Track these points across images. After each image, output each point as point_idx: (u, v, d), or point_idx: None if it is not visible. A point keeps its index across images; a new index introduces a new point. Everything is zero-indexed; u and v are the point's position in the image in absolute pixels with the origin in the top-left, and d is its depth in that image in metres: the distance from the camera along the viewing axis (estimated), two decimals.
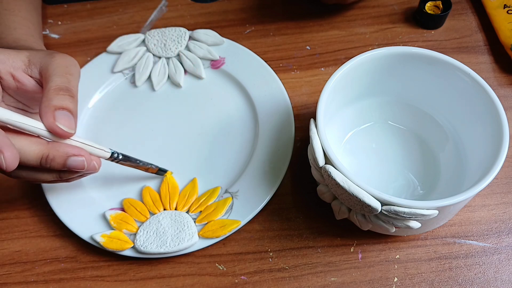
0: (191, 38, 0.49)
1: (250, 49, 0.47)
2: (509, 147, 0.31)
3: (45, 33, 0.53)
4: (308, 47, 0.49)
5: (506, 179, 0.39)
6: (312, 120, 0.33)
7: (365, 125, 0.41)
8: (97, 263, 0.38)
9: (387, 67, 0.37)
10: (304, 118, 0.44)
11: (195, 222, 0.38)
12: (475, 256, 0.36)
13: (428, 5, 0.48)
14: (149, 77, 0.47)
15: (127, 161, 0.37)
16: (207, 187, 0.40)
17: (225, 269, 0.37)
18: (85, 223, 0.38)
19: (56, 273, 0.38)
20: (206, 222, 0.38)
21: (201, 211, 0.38)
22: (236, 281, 0.36)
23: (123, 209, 0.39)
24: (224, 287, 0.36)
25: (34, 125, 0.29)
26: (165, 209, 0.39)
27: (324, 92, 0.34)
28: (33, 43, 0.43)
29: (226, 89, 0.46)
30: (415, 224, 0.31)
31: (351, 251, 0.37)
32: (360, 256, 0.37)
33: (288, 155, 0.40)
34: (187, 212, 0.39)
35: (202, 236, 0.37)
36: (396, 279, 0.36)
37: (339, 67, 0.35)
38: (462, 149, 0.37)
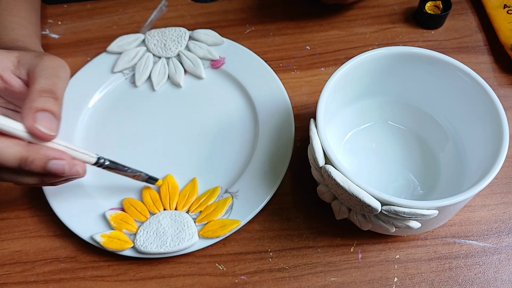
0: (191, 38, 0.49)
1: (250, 49, 0.47)
2: (509, 147, 0.31)
3: (45, 33, 0.53)
4: (308, 47, 0.49)
5: (506, 179, 0.39)
6: (312, 120, 0.33)
7: (365, 125, 0.41)
8: (97, 263, 0.38)
9: (387, 67, 0.37)
10: (304, 118, 0.44)
11: (195, 222, 0.38)
12: (475, 256, 0.36)
13: (428, 5, 0.48)
14: (149, 77, 0.47)
15: (115, 168, 0.36)
16: (207, 187, 0.40)
17: (225, 269, 0.37)
18: (85, 223, 0.38)
19: (56, 273, 0.38)
20: (206, 222, 0.38)
21: (201, 211, 0.38)
22: (236, 281, 0.36)
23: (123, 209, 0.39)
24: (224, 287, 0.36)
25: (14, 126, 0.29)
26: (165, 209, 0.39)
27: (324, 92, 0.34)
28: (31, 44, 0.43)
29: (226, 89, 0.46)
30: (415, 224, 0.31)
31: (351, 251, 0.37)
32: (360, 256, 0.37)
33: (288, 155, 0.40)
34: (187, 212, 0.39)
35: (202, 236, 0.37)
36: (396, 279, 0.36)
37: (339, 67, 0.35)
38: (462, 149, 0.37)
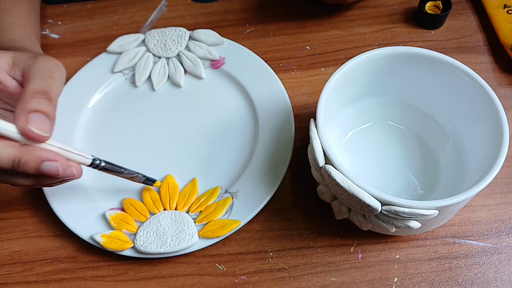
0: (191, 38, 0.49)
1: (250, 49, 0.47)
2: (509, 147, 0.31)
3: (45, 33, 0.53)
4: (308, 47, 0.49)
5: (506, 179, 0.39)
6: (312, 120, 0.33)
7: (365, 125, 0.41)
8: (97, 263, 0.38)
9: (387, 67, 0.37)
10: (304, 118, 0.44)
11: (195, 222, 0.38)
12: (475, 256, 0.36)
13: (428, 5, 0.48)
14: (149, 77, 0.47)
15: (111, 169, 0.35)
16: (207, 187, 0.40)
17: (225, 269, 0.37)
18: (85, 223, 0.38)
19: (56, 273, 0.38)
20: (206, 222, 0.38)
21: (201, 211, 0.38)
22: (236, 281, 0.36)
23: (123, 209, 0.39)
24: (224, 287, 0.36)
25: (6, 127, 0.29)
26: (165, 209, 0.39)
27: (324, 92, 0.34)
28: (30, 45, 0.43)
29: (226, 89, 0.46)
30: (415, 224, 0.31)
31: (351, 251, 0.37)
32: (360, 256, 0.37)
33: (288, 155, 0.40)
34: (187, 212, 0.39)
35: (202, 236, 0.37)
36: (396, 279, 0.36)
37: (339, 67, 0.35)
38: (462, 149, 0.37)
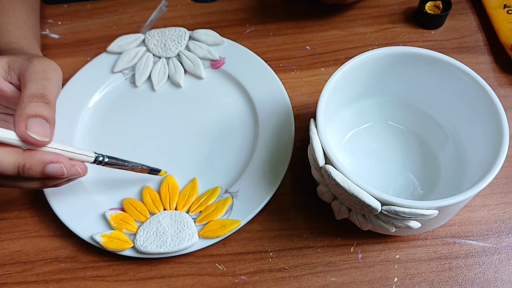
0: (191, 38, 0.49)
1: (250, 49, 0.47)
2: (509, 147, 0.31)
3: (45, 33, 0.53)
4: (308, 47, 0.49)
5: (506, 179, 0.39)
6: (312, 120, 0.33)
7: (365, 125, 0.41)
8: (97, 263, 0.38)
9: (387, 67, 0.37)
10: (304, 118, 0.44)
11: (195, 222, 0.38)
12: (475, 256, 0.36)
13: (428, 5, 0.48)
14: (149, 77, 0.47)
15: (114, 164, 0.36)
16: (207, 187, 0.40)
17: (225, 269, 0.37)
18: (85, 223, 0.38)
19: (56, 273, 0.38)
20: (206, 222, 0.38)
21: (201, 211, 0.38)
22: (236, 281, 0.36)
23: (123, 209, 0.39)
24: (224, 287, 0.36)
25: (6, 135, 0.29)
26: (165, 209, 0.39)
27: (324, 92, 0.34)
28: (26, 45, 0.42)
29: (226, 89, 0.46)
30: (415, 224, 0.31)
31: (351, 251, 0.37)
32: (360, 256, 0.37)
33: (288, 155, 0.40)
34: (187, 212, 0.39)
35: (202, 236, 0.37)
36: (396, 279, 0.36)
37: (339, 67, 0.35)
38: (462, 149, 0.37)
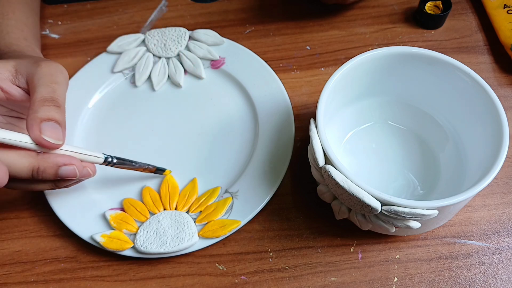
0: (191, 38, 0.49)
1: (250, 49, 0.47)
2: (509, 147, 0.31)
3: (45, 33, 0.53)
4: (308, 47, 0.49)
5: (506, 179, 0.39)
6: (312, 120, 0.33)
7: (365, 125, 0.41)
8: (97, 263, 0.38)
9: (387, 67, 0.37)
10: (304, 118, 0.44)
11: (195, 222, 0.38)
12: (475, 256, 0.36)
13: (428, 5, 0.48)
14: (149, 77, 0.47)
15: (122, 164, 0.37)
16: (207, 187, 0.40)
17: (225, 269, 0.37)
18: (85, 223, 0.38)
19: (56, 273, 0.38)
20: (206, 222, 0.38)
21: (201, 211, 0.38)
22: (236, 281, 0.36)
23: (123, 209, 0.39)
24: (224, 287, 0.36)
25: (21, 139, 0.29)
26: (165, 209, 0.39)
27: (324, 92, 0.34)
28: (26, 47, 0.43)
29: (226, 89, 0.46)
30: (415, 224, 0.31)
31: (351, 251, 0.37)
32: (360, 256, 0.37)
33: (288, 155, 0.40)
34: (187, 212, 0.39)
35: (202, 236, 0.37)
36: (396, 279, 0.36)
37: (339, 67, 0.35)
38: (462, 149, 0.37)
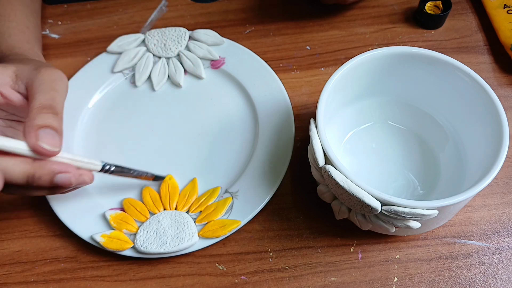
0: (191, 38, 0.49)
1: (250, 49, 0.47)
2: (509, 147, 0.31)
3: (45, 33, 0.53)
4: (308, 47, 0.49)
5: (506, 179, 0.39)
6: (312, 120, 0.33)
7: (365, 125, 0.41)
8: (97, 263, 0.38)
9: (387, 67, 0.37)
10: (304, 118, 0.44)
11: (195, 222, 0.38)
12: (475, 256, 0.36)
13: (428, 5, 0.48)
14: (149, 77, 0.47)
15: (121, 172, 0.36)
16: (207, 187, 0.40)
17: (225, 269, 0.37)
18: (85, 223, 0.38)
19: (56, 273, 0.38)
20: (206, 222, 0.38)
21: (201, 211, 0.38)
22: (236, 281, 0.36)
23: (123, 209, 0.39)
24: (224, 287, 0.36)
25: (17, 146, 0.29)
26: (165, 209, 0.39)
27: (324, 92, 0.34)
28: (29, 50, 0.42)
29: (226, 89, 0.46)
30: (415, 224, 0.31)
31: (351, 251, 0.37)
32: (360, 256, 0.37)
33: (288, 155, 0.40)
34: (187, 212, 0.39)
35: (202, 236, 0.37)
36: (396, 279, 0.36)
37: (339, 67, 0.35)
38: (462, 149, 0.37)
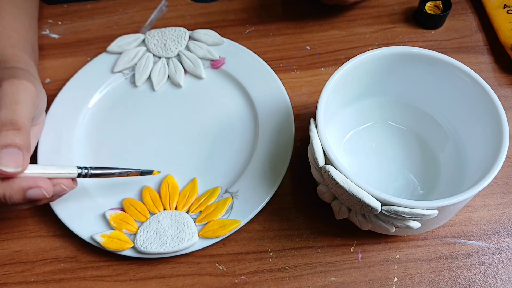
0: (191, 38, 0.49)
1: (250, 49, 0.47)
2: (509, 147, 0.31)
3: (45, 33, 0.53)
4: (308, 47, 0.49)
5: (506, 179, 0.39)
6: (312, 120, 0.33)
7: (365, 125, 0.41)
8: (97, 263, 0.38)
9: (387, 67, 0.37)
10: (304, 118, 0.44)
11: (195, 222, 0.38)
12: (475, 256, 0.36)
13: (428, 5, 0.48)
14: (149, 77, 0.47)
15: (100, 174, 0.36)
16: (207, 187, 0.40)
17: (225, 269, 0.37)
18: (85, 223, 0.38)
19: (56, 273, 0.38)
20: (206, 222, 0.38)
21: (201, 211, 0.38)
22: (236, 281, 0.36)
23: (123, 209, 0.39)
24: (224, 287, 0.36)
25: None
26: (165, 209, 0.39)
27: (324, 92, 0.34)
28: (12, 56, 0.40)
29: (226, 89, 0.46)
30: (415, 224, 0.31)
31: (351, 251, 0.37)
32: (360, 256, 0.37)
33: (288, 155, 0.40)
34: (187, 212, 0.39)
35: (202, 236, 0.37)
36: (396, 279, 0.36)
37: (339, 67, 0.35)
38: (462, 149, 0.37)
